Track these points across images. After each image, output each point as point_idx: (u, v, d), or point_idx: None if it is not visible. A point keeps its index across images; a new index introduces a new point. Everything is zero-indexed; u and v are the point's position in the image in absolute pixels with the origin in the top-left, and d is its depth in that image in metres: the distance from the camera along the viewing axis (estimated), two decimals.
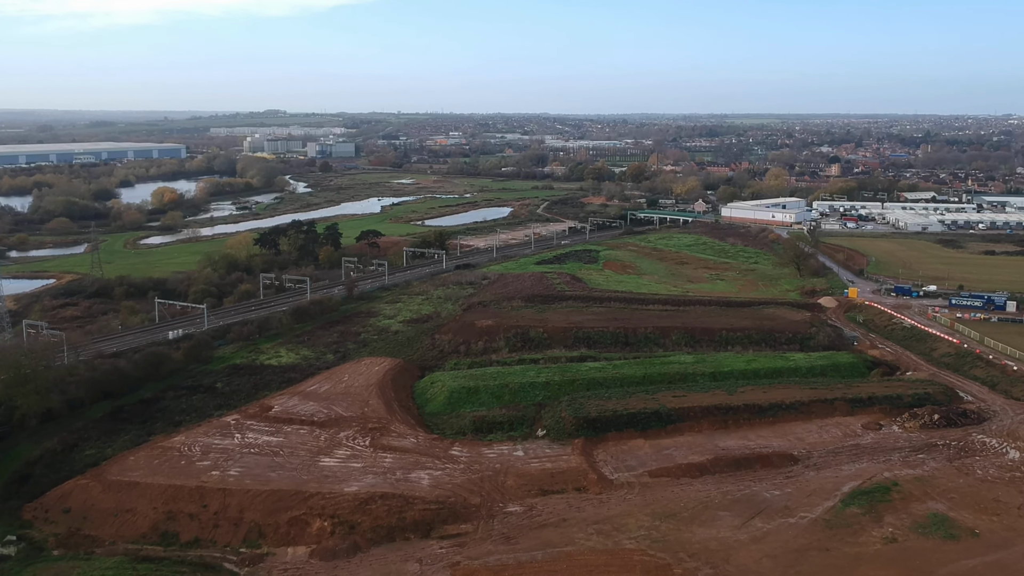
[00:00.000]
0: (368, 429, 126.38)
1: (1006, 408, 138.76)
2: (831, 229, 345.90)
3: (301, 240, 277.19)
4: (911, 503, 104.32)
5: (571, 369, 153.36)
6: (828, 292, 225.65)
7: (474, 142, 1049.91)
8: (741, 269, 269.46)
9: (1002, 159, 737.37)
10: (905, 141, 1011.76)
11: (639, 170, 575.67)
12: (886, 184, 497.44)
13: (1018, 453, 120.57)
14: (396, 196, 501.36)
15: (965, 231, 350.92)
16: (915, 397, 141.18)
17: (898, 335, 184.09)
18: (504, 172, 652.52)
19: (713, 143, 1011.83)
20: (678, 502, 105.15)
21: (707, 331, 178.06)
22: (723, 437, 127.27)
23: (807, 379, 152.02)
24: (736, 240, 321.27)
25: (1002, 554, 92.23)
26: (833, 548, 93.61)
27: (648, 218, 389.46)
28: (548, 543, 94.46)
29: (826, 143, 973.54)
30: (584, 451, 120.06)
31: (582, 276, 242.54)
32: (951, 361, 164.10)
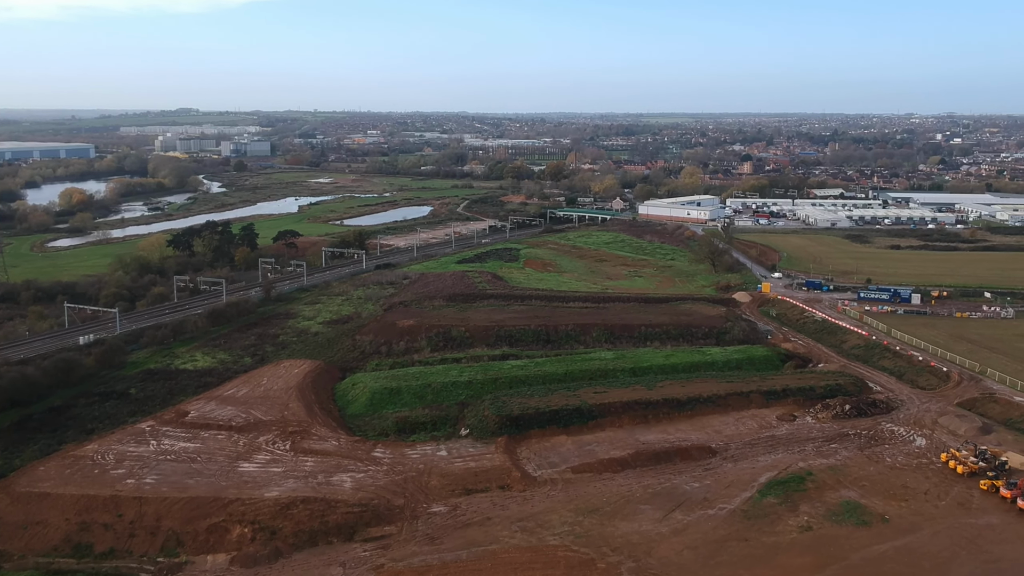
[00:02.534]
0: (288, 433, 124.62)
1: (912, 397, 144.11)
2: (744, 226, 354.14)
3: (216, 241, 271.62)
4: (825, 492, 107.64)
5: (493, 367, 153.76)
6: (742, 287, 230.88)
7: (393, 141, 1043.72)
8: (658, 266, 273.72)
9: (905, 156, 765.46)
10: (814, 139, 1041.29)
11: (558, 169, 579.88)
12: (796, 181, 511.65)
13: (924, 440, 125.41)
14: (314, 195, 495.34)
15: (872, 226, 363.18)
16: (827, 388, 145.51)
17: (810, 328, 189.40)
18: (423, 171, 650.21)
19: (630, 142, 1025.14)
20: (600, 497, 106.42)
21: (626, 327, 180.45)
22: (643, 432, 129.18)
23: (724, 373, 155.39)
24: (653, 237, 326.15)
25: (911, 538, 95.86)
26: (751, 538, 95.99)
27: (567, 216, 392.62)
28: (472, 542, 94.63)
29: (738, 141, 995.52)
30: (507, 449, 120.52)
31: (503, 275, 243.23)
32: (860, 353, 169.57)
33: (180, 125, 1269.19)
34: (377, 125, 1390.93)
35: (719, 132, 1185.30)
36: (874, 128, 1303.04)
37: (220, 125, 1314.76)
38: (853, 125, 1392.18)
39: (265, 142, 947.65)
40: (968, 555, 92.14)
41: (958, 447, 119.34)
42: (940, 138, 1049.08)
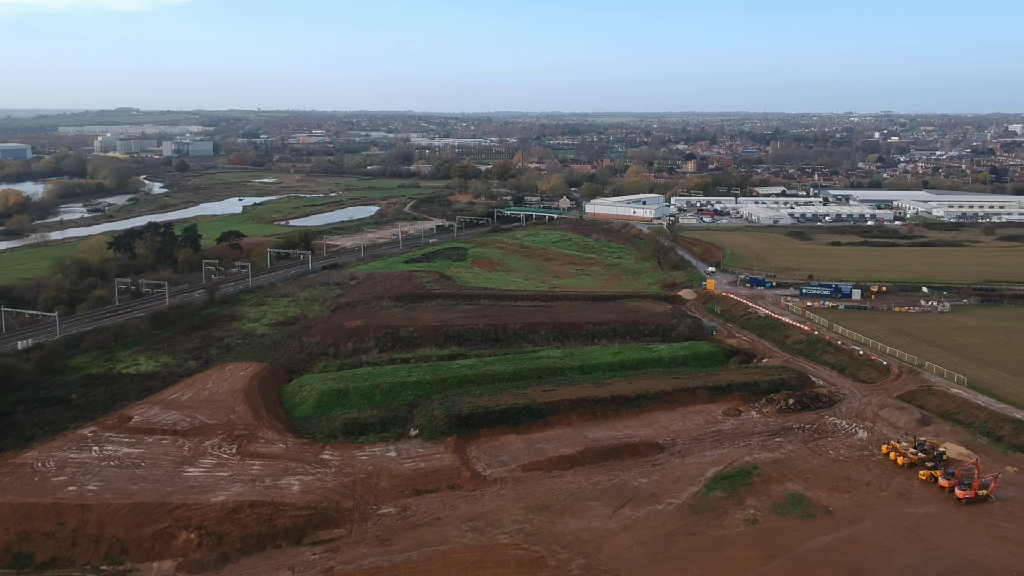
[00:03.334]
0: (234, 436, 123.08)
1: (854, 391, 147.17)
2: (689, 224, 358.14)
3: (158, 243, 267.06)
4: (770, 485, 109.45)
5: (442, 367, 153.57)
6: (688, 284, 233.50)
7: (338, 140, 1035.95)
8: (605, 264, 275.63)
9: (845, 155, 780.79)
10: (756, 138, 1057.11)
11: (505, 168, 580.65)
12: (739, 179, 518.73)
13: (866, 433, 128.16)
14: (258, 196, 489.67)
15: (813, 223, 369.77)
16: (771, 383, 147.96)
17: (754, 324, 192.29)
18: (370, 170, 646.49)
19: (575, 141, 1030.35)
20: (550, 495, 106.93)
21: (574, 325, 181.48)
22: (592, 429, 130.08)
23: (670, 369, 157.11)
24: (600, 236, 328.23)
25: (854, 529, 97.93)
26: (699, 532, 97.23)
27: (515, 215, 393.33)
28: (423, 543, 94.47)
29: (682, 140, 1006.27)
30: (457, 449, 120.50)
31: (451, 274, 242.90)
32: (803, 348, 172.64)
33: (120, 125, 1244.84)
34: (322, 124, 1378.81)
35: (663, 131, 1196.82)
36: (814, 127, 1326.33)
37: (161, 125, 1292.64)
38: (794, 124, 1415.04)
39: (208, 142, 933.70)
40: (909, 544, 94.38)
41: (898, 439, 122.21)
42: (878, 136, 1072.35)
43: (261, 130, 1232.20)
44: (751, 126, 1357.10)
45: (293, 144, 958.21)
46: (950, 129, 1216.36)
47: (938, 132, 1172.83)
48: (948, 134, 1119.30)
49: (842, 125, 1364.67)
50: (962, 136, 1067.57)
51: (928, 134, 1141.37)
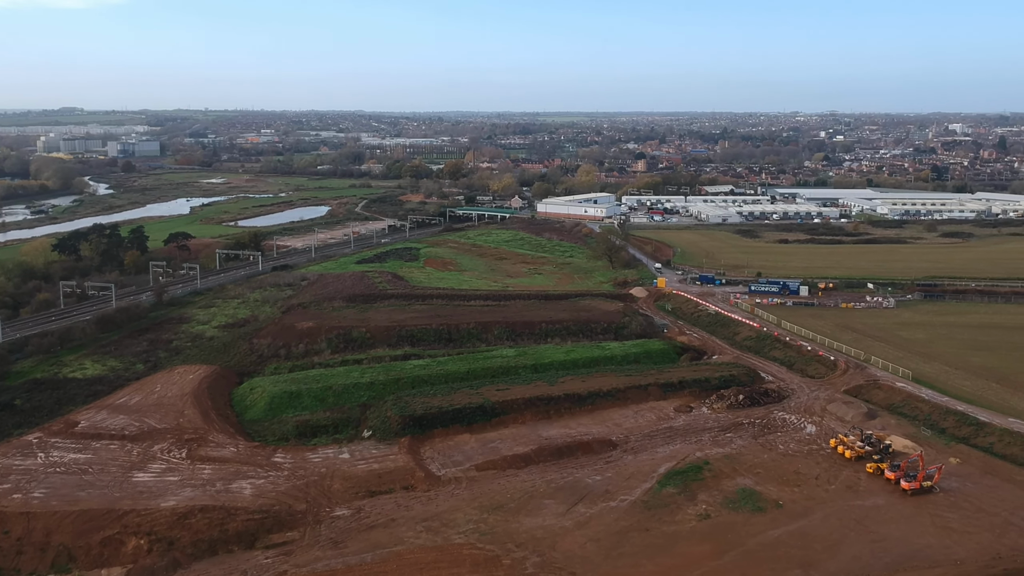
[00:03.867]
0: (184, 440, 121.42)
1: (803, 386, 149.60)
2: (639, 222, 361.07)
3: (104, 244, 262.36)
4: (721, 480, 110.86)
5: (395, 368, 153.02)
6: (639, 283, 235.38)
7: (288, 140, 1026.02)
8: (557, 263, 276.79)
9: (791, 153, 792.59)
10: (704, 137, 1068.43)
11: (456, 167, 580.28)
12: (688, 178, 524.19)
13: (814, 427, 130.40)
14: (206, 196, 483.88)
15: (761, 221, 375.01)
16: (721, 379, 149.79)
17: (704, 321, 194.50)
18: (320, 170, 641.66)
19: (527, 141, 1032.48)
20: (505, 493, 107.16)
21: (527, 324, 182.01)
22: (546, 427, 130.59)
23: (622, 367, 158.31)
24: (552, 235, 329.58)
25: (803, 522, 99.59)
26: (652, 528, 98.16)
27: (467, 215, 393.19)
28: (377, 544, 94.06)
29: (632, 140, 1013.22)
30: (411, 449, 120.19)
31: (403, 274, 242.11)
32: (752, 344, 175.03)
33: (64, 125, 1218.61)
34: (271, 124, 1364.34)
35: (614, 131, 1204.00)
36: (762, 126, 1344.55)
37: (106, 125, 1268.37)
38: (742, 123, 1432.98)
39: (154, 142, 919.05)
40: (856, 536, 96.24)
41: (846, 433, 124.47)
42: (824, 135, 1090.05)
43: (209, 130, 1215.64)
44: (700, 126, 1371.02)
45: (242, 144, 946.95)
46: (893, 128, 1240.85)
47: (882, 131, 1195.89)
48: (891, 133, 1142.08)
49: (789, 124, 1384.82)
50: (905, 135, 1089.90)
51: (872, 133, 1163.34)
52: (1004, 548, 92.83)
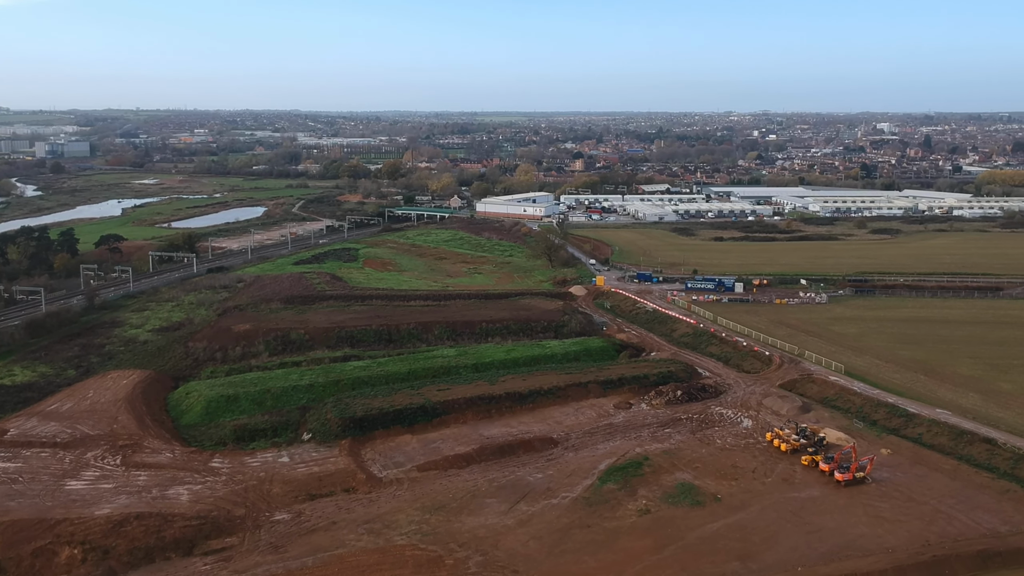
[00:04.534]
0: (118, 447, 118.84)
1: (739, 381, 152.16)
2: (578, 221, 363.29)
3: (32, 248, 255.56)
4: (661, 475, 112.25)
5: (335, 370, 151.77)
6: (578, 281, 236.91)
7: (222, 140, 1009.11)
8: (497, 262, 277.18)
9: (725, 152, 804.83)
10: (641, 137, 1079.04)
11: (395, 167, 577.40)
12: (625, 177, 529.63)
13: (751, 421, 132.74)
14: (139, 197, 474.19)
15: (697, 220, 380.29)
16: (660, 376, 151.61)
17: (642, 318, 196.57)
18: (256, 171, 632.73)
19: (465, 140, 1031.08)
20: (447, 494, 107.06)
21: (468, 324, 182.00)
22: (487, 426, 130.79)
23: (562, 365, 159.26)
24: (491, 234, 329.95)
25: (741, 515, 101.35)
26: (594, 524, 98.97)
27: (406, 215, 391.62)
28: (318, 548, 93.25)
29: (570, 140, 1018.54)
30: (351, 451, 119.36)
31: (342, 275, 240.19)
32: (689, 340, 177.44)
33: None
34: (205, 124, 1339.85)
35: (551, 130, 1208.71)
36: (696, 126, 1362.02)
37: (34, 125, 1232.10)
38: (677, 123, 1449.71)
39: (84, 142, 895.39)
40: (793, 527, 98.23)
41: (781, 426, 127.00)
42: (757, 135, 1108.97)
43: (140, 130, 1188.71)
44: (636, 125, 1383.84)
45: (175, 144, 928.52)
46: (824, 127, 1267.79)
47: (813, 130, 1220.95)
48: (822, 132, 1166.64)
49: (723, 124, 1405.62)
50: (835, 134, 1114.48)
51: (803, 132, 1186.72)
52: (933, 535, 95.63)
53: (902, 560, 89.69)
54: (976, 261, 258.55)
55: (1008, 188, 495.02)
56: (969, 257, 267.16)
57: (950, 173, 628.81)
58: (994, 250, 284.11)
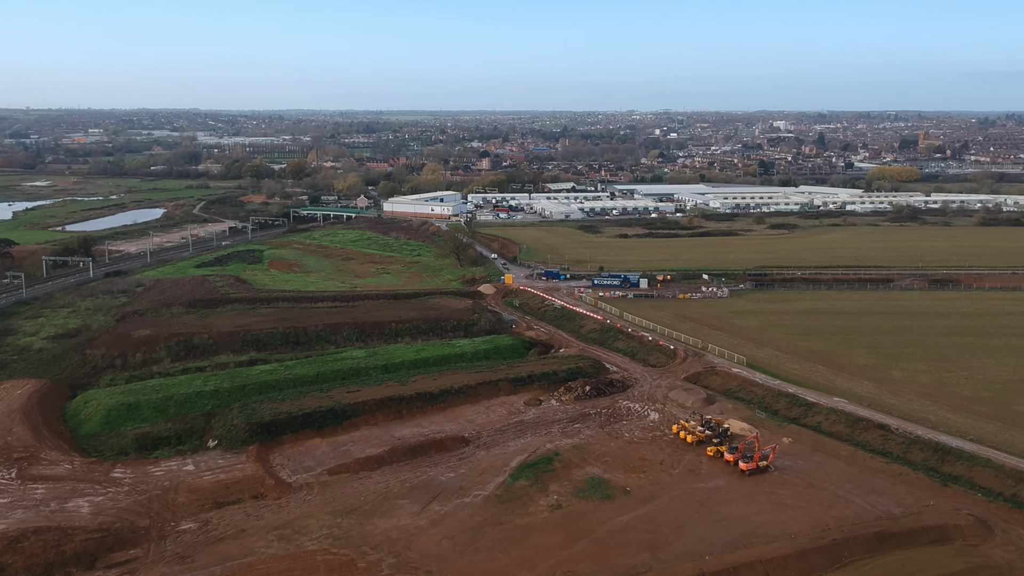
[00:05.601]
0: (13, 460, 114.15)
1: (645, 375, 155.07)
2: (486, 220, 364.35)
3: None
4: (572, 470, 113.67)
5: (241, 374, 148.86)
6: (487, 280, 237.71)
7: (118, 140, 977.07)
8: (406, 262, 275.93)
9: (628, 151, 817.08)
10: (546, 136, 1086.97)
11: (299, 167, 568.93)
12: (532, 176, 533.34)
13: (657, 415, 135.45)
14: (30, 200, 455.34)
15: (602, 217, 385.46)
16: (569, 372, 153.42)
17: (551, 316, 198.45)
18: (154, 171, 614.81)
19: (371, 139, 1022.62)
20: (358, 496, 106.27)
21: (377, 324, 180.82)
22: (398, 427, 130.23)
23: (473, 363, 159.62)
24: (399, 234, 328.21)
25: (650, 507, 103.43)
26: (506, 521, 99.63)
27: (312, 215, 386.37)
28: (227, 556, 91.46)
29: (476, 139, 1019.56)
30: (259, 457, 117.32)
31: (247, 277, 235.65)
32: (597, 336, 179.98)
33: None
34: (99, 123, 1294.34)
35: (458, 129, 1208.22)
36: (600, 124, 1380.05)
37: None
38: (581, 122, 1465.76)
39: None
40: (700, 517, 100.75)
41: (687, 418, 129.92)
42: (659, 133, 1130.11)
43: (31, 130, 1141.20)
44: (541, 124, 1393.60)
45: (68, 144, 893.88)
46: (723, 126, 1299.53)
47: (712, 129, 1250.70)
48: (721, 130, 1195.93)
49: (625, 122, 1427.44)
50: (734, 132, 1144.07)
51: (703, 131, 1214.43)
52: (832, 520, 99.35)
53: (804, 545, 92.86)
54: (868, 254, 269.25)
55: (896, 183, 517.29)
56: (862, 250, 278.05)
57: (843, 169, 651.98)
58: (884, 243, 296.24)
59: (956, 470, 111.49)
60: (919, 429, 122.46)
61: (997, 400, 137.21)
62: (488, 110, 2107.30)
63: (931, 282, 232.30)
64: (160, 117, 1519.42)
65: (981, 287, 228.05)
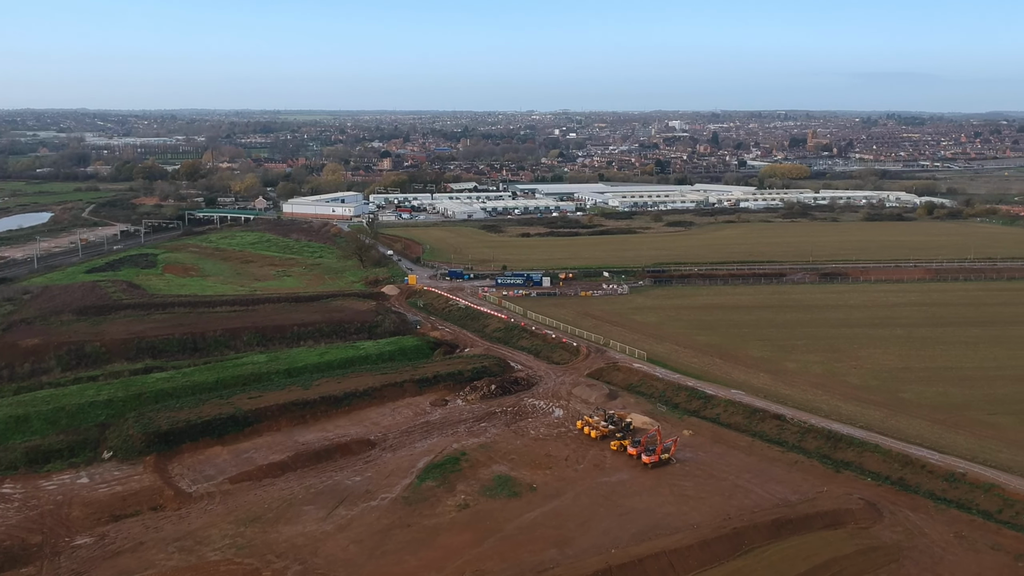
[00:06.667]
0: None
1: (549, 372, 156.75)
2: (388, 220, 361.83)
3: None
4: (478, 469, 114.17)
5: (136, 383, 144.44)
6: (390, 281, 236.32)
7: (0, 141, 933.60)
8: (307, 264, 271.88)
9: (529, 151, 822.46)
10: (447, 136, 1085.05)
11: (194, 168, 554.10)
12: (434, 176, 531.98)
13: (562, 411, 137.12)
14: None
15: (504, 217, 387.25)
16: (474, 371, 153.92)
17: (455, 316, 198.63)
18: (40, 174, 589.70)
19: (269, 139, 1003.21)
20: (262, 504, 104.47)
21: (279, 328, 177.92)
22: (302, 432, 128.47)
23: (378, 365, 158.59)
24: (300, 236, 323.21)
25: (556, 502, 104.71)
26: (414, 523, 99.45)
27: (208, 217, 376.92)
28: (125, 571, 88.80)
29: (377, 139, 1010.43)
30: (157, 467, 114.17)
31: (140, 282, 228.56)
32: (502, 335, 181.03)
33: None
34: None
35: (358, 129, 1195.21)
36: (500, 124, 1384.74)
37: None
38: (482, 122, 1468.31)
39: None
40: (606, 511, 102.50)
41: (590, 414, 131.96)
42: (558, 133, 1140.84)
43: None
44: (442, 124, 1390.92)
45: None
46: (620, 126, 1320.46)
47: (610, 129, 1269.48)
48: (619, 130, 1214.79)
49: (525, 123, 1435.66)
50: (631, 132, 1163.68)
51: (602, 131, 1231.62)
52: (733, 509, 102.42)
53: (706, 535, 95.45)
54: (762, 250, 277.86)
55: (787, 181, 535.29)
56: (756, 246, 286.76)
57: (736, 168, 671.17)
58: (777, 239, 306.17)
59: (847, 456, 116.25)
60: (812, 418, 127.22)
61: (884, 388, 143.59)
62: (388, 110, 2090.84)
63: (821, 276, 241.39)
64: (46, 117, 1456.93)
65: (867, 280, 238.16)
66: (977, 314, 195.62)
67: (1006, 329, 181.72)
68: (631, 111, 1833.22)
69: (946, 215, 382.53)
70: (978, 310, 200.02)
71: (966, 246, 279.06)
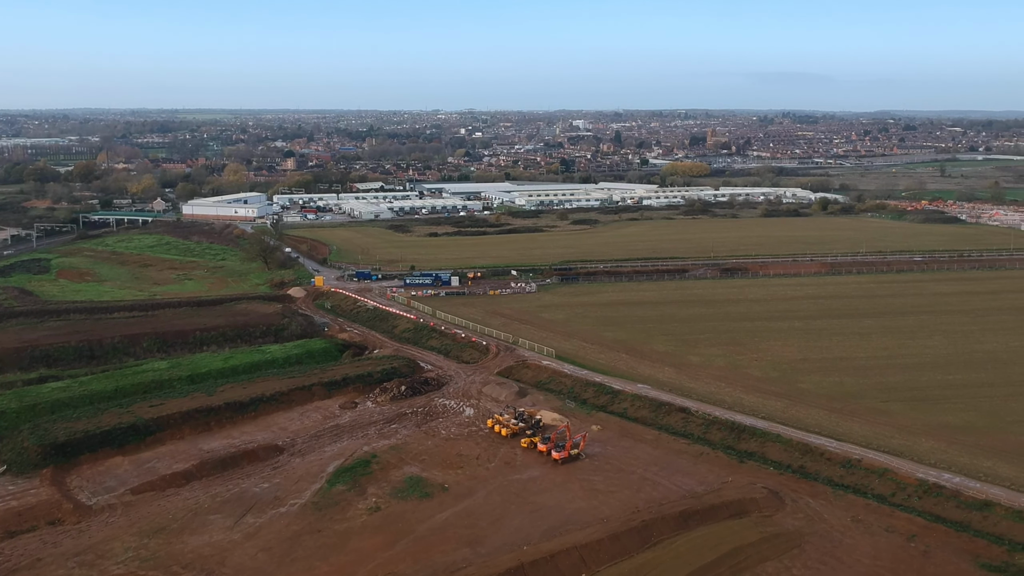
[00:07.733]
0: None
1: (459, 372, 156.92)
2: (293, 221, 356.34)
3: None
4: (389, 471, 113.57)
5: (30, 393, 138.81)
6: (296, 283, 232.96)
7: None
8: (209, 267, 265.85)
9: (435, 150, 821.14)
10: (352, 135, 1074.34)
11: (88, 169, 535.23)
12: (339, 176, 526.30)
13: (472, 410, 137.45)
14: None
15: (411, 216, 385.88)
16: (384, 372, 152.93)
17: (363, 317, 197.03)
18: None
19: (167, 139, 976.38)
20: (166, 515, 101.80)
21: (180, 333, 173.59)
22: (207, 440, 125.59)
23: (285, 369, 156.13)
24: (201, 238, 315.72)
25: (468, 502, 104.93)
26: (324, 528, 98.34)
27: (104, 220, 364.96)
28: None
29: (280, 138, 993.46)
30: (54, 480, 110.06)
31: (33, 289, 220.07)
32: (411, 336, 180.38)
33: None
34: None
35: (260, 129, 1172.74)
36: (406, 124, 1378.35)
37: None
38: (387, 121, 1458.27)
39: None
40: (517, 508, 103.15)
41: (500, 412, 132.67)
42: (464, 132, 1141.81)
43: None
44: (347, 123, 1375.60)
45: None
46: (525, 125, 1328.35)
47: (515, 128, 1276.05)
48: (524, 129, 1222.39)
49: (431, 122, 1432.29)
50: (536, 131, 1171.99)
51: (507, 130, 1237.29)
52: (641, 502, 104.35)
53: (616, 528, 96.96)
54: (665, 246, 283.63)
55: (688, 179, 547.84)
56: (659, 243, 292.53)
57: (639, 166, 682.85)
58: (679, 235, 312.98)
59: (750, 447, 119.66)
60: (716, 410, 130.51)
61: (783, 379, 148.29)
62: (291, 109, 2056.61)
63: (722, 271, 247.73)
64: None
65: (766, 274, 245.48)
66: (869, 306, 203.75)
67: (896, 320, 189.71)
68: (536, 110, 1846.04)
69: (839, 211, 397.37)
70: (870, 302, 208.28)
71: (858, 240, 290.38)
